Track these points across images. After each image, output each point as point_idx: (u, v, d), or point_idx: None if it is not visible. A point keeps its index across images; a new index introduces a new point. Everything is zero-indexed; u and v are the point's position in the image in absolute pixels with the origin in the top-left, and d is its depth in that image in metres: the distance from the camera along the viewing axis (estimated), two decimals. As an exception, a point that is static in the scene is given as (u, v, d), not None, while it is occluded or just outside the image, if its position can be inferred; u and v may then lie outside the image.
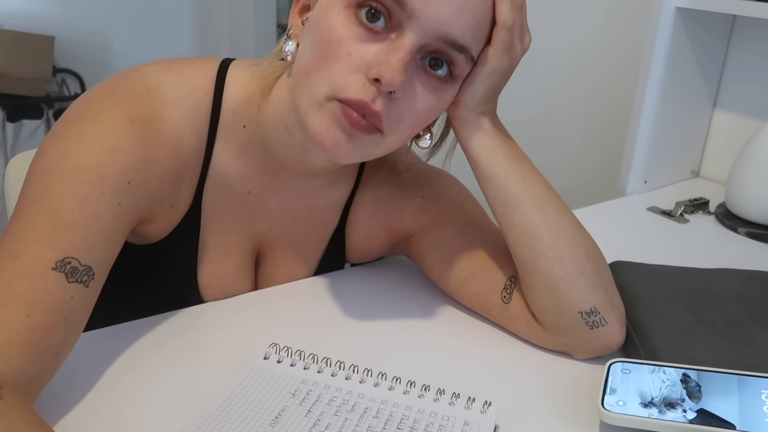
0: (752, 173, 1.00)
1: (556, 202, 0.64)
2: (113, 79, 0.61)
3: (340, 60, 0.54)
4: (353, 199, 0.74)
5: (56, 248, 0.52)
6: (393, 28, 0.54)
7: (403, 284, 0.79)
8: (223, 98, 0.64)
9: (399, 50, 0.53)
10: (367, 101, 0.54)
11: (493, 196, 0.64)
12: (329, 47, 0.54)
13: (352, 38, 0.54)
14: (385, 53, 0.53)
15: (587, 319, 0.63)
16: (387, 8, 0.53)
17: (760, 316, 0.68)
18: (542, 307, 0.64)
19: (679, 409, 0.53)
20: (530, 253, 0.63)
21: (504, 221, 0.64)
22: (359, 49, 0.54)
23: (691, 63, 1.12)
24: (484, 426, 0.55)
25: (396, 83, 0.53)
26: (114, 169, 0.56)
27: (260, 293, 0.74)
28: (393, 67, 0.52)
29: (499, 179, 0.63)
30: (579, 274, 0.62)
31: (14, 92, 2.43)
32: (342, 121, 0.55)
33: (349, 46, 0.54)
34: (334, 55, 0.54)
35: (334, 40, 0.54)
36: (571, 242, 0.63)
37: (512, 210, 0.63)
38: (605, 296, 0.63)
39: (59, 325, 0.51)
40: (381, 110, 0.55)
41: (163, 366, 0.61)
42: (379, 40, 0.54)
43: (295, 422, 0.54)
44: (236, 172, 0.66)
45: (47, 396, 0.54)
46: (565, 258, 0.62)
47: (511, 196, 0.63)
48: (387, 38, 0.54)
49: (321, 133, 0.56)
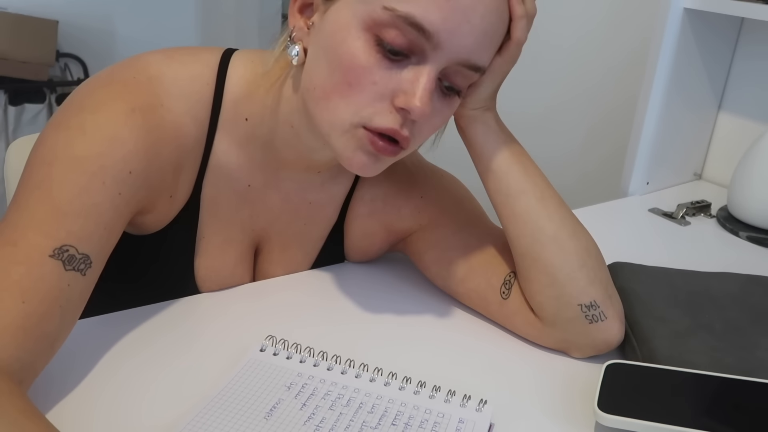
0: (755, 177, 1.00)
1: (556, 196, 0.66)
2: (114, 68, 0.60)
3: (365, 89, 0.54)
4: (352, 194, 0.74)
5: (54, 236, 0.52)
6: (414, 52, 0.54)
7: (401, 279, 0.78)
8: (225, 90, 0.63)
9: (423, 77, 0.54)
10: (397, 129, 0.56)
11: (495, 188, 0.65)
12: (352, 74, 0.54)
13: (376, 66, 0.54)
14: (410, 81, 0.54)
15: (587, 312, 0.63)
16: (409, 38, 0.53)
17: (759, 321, 0.68)
18: (542, 300, 0.64)
19: (675, 413, 0.53)
20: (531, 244, 0.64)
21: (506, 213, 0.65)
22: (384, 78, 0.54)
23: (697, 65, 1.11)
24: (479, 424, 0.54)
25: (425, 115, 0.55)
26: (115, 159, 0.55)
27: (258, 285, 0.74)
28: (421, 98, 0.54)
29: (502, 171, 0.64)
30: (580, 266, 0.63)
31: (17, 76, 2.41)
32: (368, 148, 0.57)
33: (374, 75, 0.54)
34: (358, 83, 0.54)
35: (357, 68, 0.54)
36: (572, 234, 0.64)
37: (514, 201, 0.64)
38: (605, 291, 0.64)
39: (55, 313, 0.51)
40: (408, 135, 0.57)
41: (158, 356, 0.61)
42: (401, 66, 0.55)
43: (289, 416, 0.54)
44: (236, 165, 0.66)
45: (41, 383, 0.54)
46: (566, 249, 0.63)
47: (513, 188, 0.64)
48: (409, 63, 0.55)
49: (348, 156, 0.58)
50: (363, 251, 0.78)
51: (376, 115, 0.55)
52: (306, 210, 0.72)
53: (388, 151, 0.57)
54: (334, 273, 0.77)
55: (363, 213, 0.74)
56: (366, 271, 0.80)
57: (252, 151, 0.66)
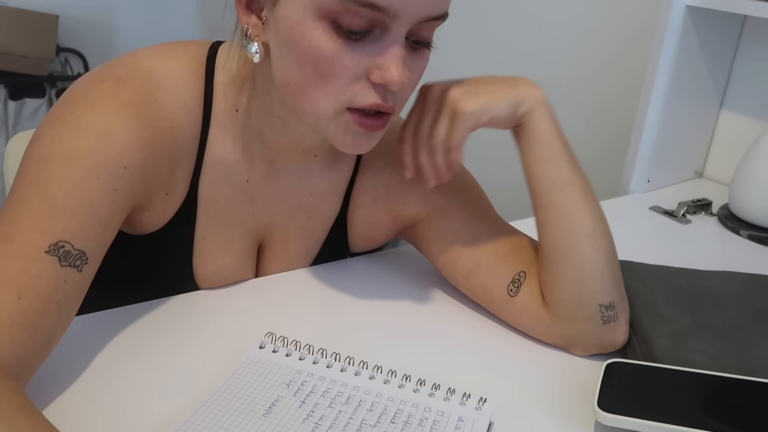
0: (756, 175, 1.00)
1: (593, 193, 0.65)
2: (107, 65, 0.61)
3: (339, 75, 0.54)
4: (354, 183, 0.73)
5: (50, 232, 0.51)
6: (375, 26, 0.54)
7: (401, 276, 0.78)
8: (214, 83, 0.63)
9: (392, 49, 0.54)
10: (380, 103, 0.56)
11: (542, 176, 0.64)
12: (322, 65, 0.54)
13: (342, 51, 0.54)
14: (381, 55, 0.54)
15: (604, 312, 0.63)
16: (366, 17, 0.53)
17: (760, 320, 0.68)
18: (563, 296, 0.64)
19: (675, 412, 0.53)
20: (567, 237, 0.63)
21: (546, 203, 0.64)
22: (354, 59, 0.54)
23: (699, 62, 1.11)
24: (479, 423, 0.54)
25: (404, 84, 0.54)
26: (110, 155, 0.55)
27: (258, 282, 0.74)
28: (396, 69, 0.54)
29: (554, 159, 0.64)
30: (608, 265, 0.63)
31: (17, 70, 2.41)
32: (358, 129, 0.57)
33: (343, 60, 0.54)
34: (331, 72, 0.54)
35: (325, 59, 0.54)
36: (605, 232, 0.64)
37: (558, 192, 0.64)
38: (621, 292, 0.65)
39: (51, 309, 0.51)
40: (393, 104, 0.57)
41: (157, 353, 0.60)
42: (367, 42, 0.54)
43: (288, 413, 0.54)
44: (232, 159, 0.66)
45: (38, 380, 0.54)
46: (600, 246, 0.63)
47: (561, 178, 0.64)
48: (372, 35, 0.54)
49: (340, 140, 0.58)
50: (368, 240, 0.77)
51: (357, 96, 0.55)
52: (307, 202, 0.72)
53: (377, 126, 0.57)
54: (334, 270, 0.77)
55: (367, 202, 0.74)
56: (366, 268, 0.79)
57: (246, 142, 0.65)
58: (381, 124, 0.58)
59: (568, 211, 0.64)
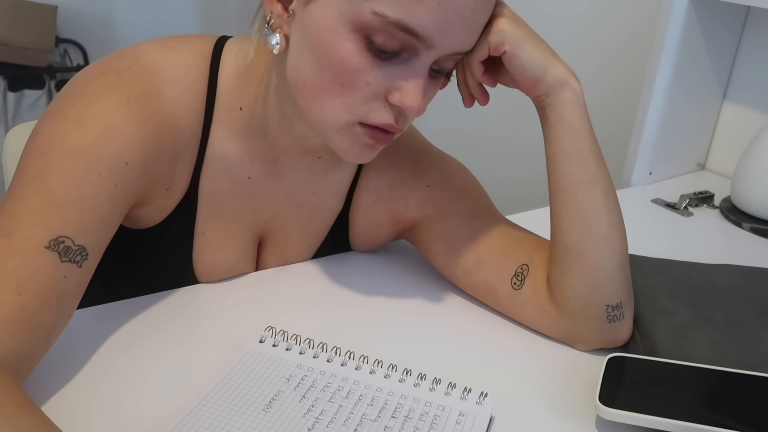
0: (759, 168, 0.99)
1: (615, 193, 0.64)
2: (108, 58, 0.60)
3: (360, 89, 0.54)
4: (357, 182, 0.73)
5: (50, 227, 0.51)
6: (405, 49, 0.53)
7: (402, 271, 0.78)
8: (219, 79, 0.62)
9: (418, 78, 0.54)
10: (392, 124, 0.56)
11: (566, 173, 0.62)
12: (344, 76, 0.53)
13: (368, 67, 0.53)
14: (405, 79, 0.54)
15: (611, 312, 0.63)
16: (401, 40, 0.52)
17: (762, 314, 0.68)
18: (570, 295, 0.63)
19: (677, 406, 0.53)
20: (583, 239, 0.62)
21: (567, 201, 0.62)
22: (377, 77, 0.54)
23: (702, 54, 1.10)
24: (480, 417, 0.54)
25: (420, 111, 0.55)
26: (111, 150, 0.55)
27: (257, 275, 0.73)
28: (415, 97, 0.54)
29: (581, 156, 0.62)
30: (620, 267, 0.63)
31: (16, 62, 2.40)
32: (367, 141, 0.57)
33: (367, 75, 0.53)
34: (352, 84, 0.54)
35: (349, 70, 0.53)
36: (621, 234, 0.63)
37: (581, 191, 0.62)
38: (630, 291, 0.64)
39: (51, 304, 0.51)
40: (403, 125, 0.57)
41: (157, 347, 0.60)
42: (394, 63, 0.54)
43: (289, 407, 0.54)
44: (234, 156, 0.65)
45: (39, 375, 0.54)
46: (615, 249, 0.62)
47: (586, 177, 0.62)
48: (400, 57, 0.54)
49: (346, 150, 0.58)
50: (369, 240, 0.77)
51: (372, 112, 0.55)
52: (310, 200, 0.71)
53: (387, 140, 0.58)
54: (335, 263, 0.77)
55: (368, 202, 0.74)
56: (366, 261, 0.79)
57: (249, 140, 0.65)
58: (389, 139, 0.58)
59: (588, 212, 0.62)
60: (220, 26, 2.72)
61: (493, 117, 1.60)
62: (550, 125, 0.62)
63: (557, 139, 0.62)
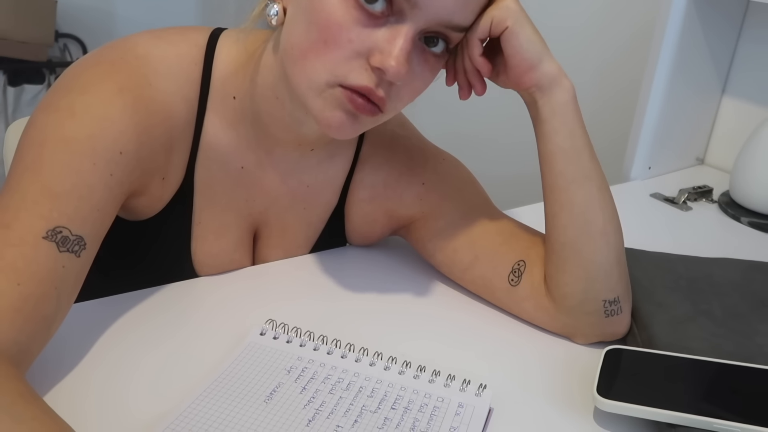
0: (758, 162, 1.00)
1: (608, 186, 0.64)
2: (102, 49, 0.60)
3: (341, 46, 0.53)
4: (352, 177, 0.73)
5: (47, 217, 0.51)
6: (393, 11, 0.53)
7: (402, 263, 0.78)
8: (213, 69, 0.63)
9: (400, 38, 0.53)
10: (371, 87, 0.54)
11: (561, 170, 0.62)
12: (328, 32, 0.53)
13: (352, 23, 0.53)
14: (387, 41, 0.53)
15: (608, 307, 0.63)
16: None
17: (759, 307, 0.68)
18: (568, 292, 0.63)
19: (674, 398, 0.53)
20: (579, 236, 0.62)
21: (562, 199, 0.62)
22: (360, 35, 0.53)
23: (702, 48, 1.10)
24: (479, 409, 0.54)
25: (401, 76, 0.53)
26: (105, 140, 0.55)
27: (258, 268, 0.74)
28: (396, 58, 0.52)
29: (575, 152, 0.62)
30: (617, 263, 0.63)
31: (16, 56, 2.40)
32: (347, 105, 0.55)
33: (350, 32, 0.53)
34: (334, 41, 0.53)
35: (333, 26, 0.53)
36: (617, 229, 0.63)
37: (577, 187, 0.62)
38: (627, 286, 0.64)
39: (51, 294, 0.51)
40: (385, 96, 0.55)
41: (158, 340, 0.61)
42: (379, 25, 0.53)
43: (289, 399, 0.54)
44: (228, 145, 0.65)
45: (39, 367, 0.54)
46: (611, 245, 0.62)
47: (580, 173, 0.62)
48: (387, 21, 0.53)
49: (326, 117, 0.56)
50: (364, 235, 0.78)
51: (351, 73, 0.54)
52: (304, 193, 0.71)
53: (367, 109, 0.55)
54: (335, 256, 0.77)
55: (363, 198, 0.74)
56: (367, 254, 0.79)
57: (242, 130, 0.65)
58: (370, 110, 0.56)
59: (583, 209, 0.62)
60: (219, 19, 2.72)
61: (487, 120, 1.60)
62: (544, 121, 0.62)
63: (551, 135, 0.62)
